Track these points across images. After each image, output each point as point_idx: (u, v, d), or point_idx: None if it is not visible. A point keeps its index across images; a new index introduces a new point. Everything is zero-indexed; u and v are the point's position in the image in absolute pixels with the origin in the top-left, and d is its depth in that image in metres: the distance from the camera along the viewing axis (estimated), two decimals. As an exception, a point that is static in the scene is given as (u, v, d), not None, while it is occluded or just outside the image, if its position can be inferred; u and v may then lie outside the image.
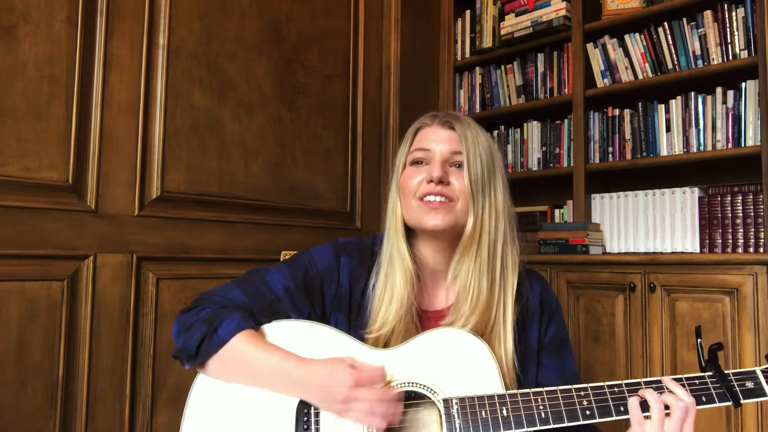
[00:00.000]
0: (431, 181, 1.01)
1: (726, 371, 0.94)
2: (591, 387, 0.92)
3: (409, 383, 0.93)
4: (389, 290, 1.01)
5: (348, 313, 1.03)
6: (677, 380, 0.93)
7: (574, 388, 0.92)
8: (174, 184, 1.84)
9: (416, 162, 1.05)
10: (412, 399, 0.95)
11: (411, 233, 1.07)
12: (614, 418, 0.91)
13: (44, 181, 1.57)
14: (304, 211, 2.21)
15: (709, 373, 0.94)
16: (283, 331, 0.98)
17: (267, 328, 0.98)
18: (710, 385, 0.93)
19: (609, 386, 0.92)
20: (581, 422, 0.90)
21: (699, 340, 0.97)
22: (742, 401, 0.92)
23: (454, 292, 1.06)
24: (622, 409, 0.90)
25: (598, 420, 0.90)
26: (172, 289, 1.81)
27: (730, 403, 0.91)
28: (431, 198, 1.01)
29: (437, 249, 1.06)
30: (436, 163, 1.02)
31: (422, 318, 1.05)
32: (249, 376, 0.93)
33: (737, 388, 0.92)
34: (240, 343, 0.92)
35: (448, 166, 1.03)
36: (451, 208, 1.01)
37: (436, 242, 1.06)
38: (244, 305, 0.98)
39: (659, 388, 0.92)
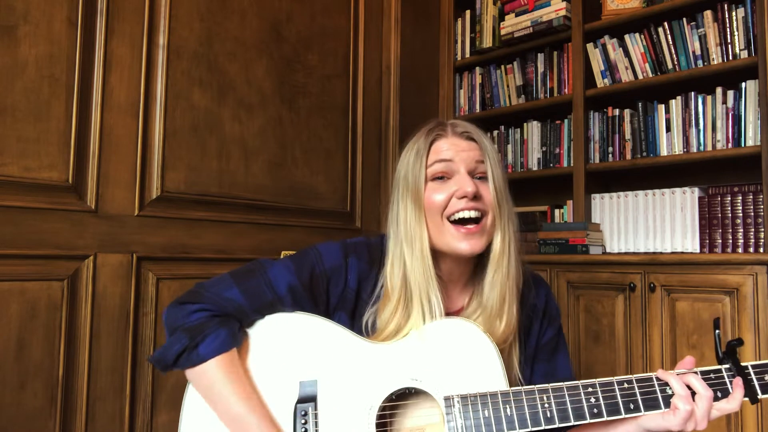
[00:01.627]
0: (463, 197, 0.95)
1: (743, 364, 0.88)
2: (599, 383, 0.88)
3: (409, 379, 0.92)
4: (404, 317, 0.97)
5: (352, 312, 1.01)
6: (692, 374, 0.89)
7: (581, 384, 0.88)
8: (174, 184, 1.84)
9: (437, 177, 0.99)
10: (414, 395, 0.94)
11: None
12: (623, 416, 0.87)
13: (44, 181, 1.57)
14: (304, 211, 2.21)
15: (726, 366, 0.89)
16: (280, 325, 0.96)
17: (264, 322, 0.96)
18: (726, 380, 0.88)
19: (618, 382, 0.88)
20: (589, 421, 0.87)
21: (717, 331, 0.91)
22: (759, 396, 0.86)
23: (467, 295, 1.05)
24: (632, 407, 0.87)
25: (606, 419, 0.87)
26: (172, 289, 1.81)
27: (746, 399, 0.86)
28: (465, 214, 0.96)
29: (457, 262, 1.03)
30: (465, 177, 0.97)
31: None
32: (212, 406, 0.93)
33: (756, 382, 0.86)
34: (214, 371, 0.90)
35: (473, 178, 0.99)
36: (484, 228, 0.97)
37: (459, 258, 1.02)
38: (240, 307, 0.95)
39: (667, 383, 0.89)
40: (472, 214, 0.96)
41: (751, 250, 1.94)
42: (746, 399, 0.87)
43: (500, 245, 0.99)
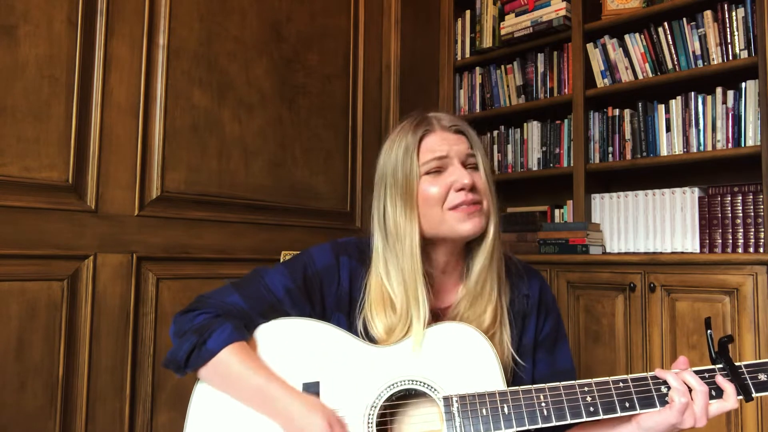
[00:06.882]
0: (461, 189, 0.97)
1: (737, 363, 0.90)
2: (595, 382, 0.90)
3: (409, 381, 0.93)
4: (392, 313, 0.99)
5: (348, 312, 1.02)
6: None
7: (578, 384, 0.90)
8: (174, 184, 1.84)
9: (432, 171, 1.00)
10: (413, 396, 0.95)
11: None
12: (618, 414, 0.88)
13: (44, 181, 1.57)
14: (304, 211, 2.21)
15: (720, 366, 0.91)
16: (282, 330, 0.97)
17: (266, 327, 0.97)
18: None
19: (614, 381, 0.90)
20: (585, 419, 0.88)
21: (709, 331, 0.92)
22: (754, 395, 0.88)
23: (459, 290, 1.05)
24: (627, 405, 0.88)
25: (602, 417, 0.88)
26: (172, 289, 1.81)
27: (741, 398, 0.88)
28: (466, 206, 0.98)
29: (452, 251, 1.04)
30: (461, 169, 0.98)
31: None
32: (233, 392, 0.94)
33: (749, 381, 0.88)
34: (228, 358, 0.91)
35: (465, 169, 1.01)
36: (482, 210, 1.00)
37: (454, 246, 1.03)
38: (242, 311, 0.97)
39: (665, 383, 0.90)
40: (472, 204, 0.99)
41: (751, 250, 1.94)
42: (740, 397, 0.88)
43: (493, 231, 1.02)
